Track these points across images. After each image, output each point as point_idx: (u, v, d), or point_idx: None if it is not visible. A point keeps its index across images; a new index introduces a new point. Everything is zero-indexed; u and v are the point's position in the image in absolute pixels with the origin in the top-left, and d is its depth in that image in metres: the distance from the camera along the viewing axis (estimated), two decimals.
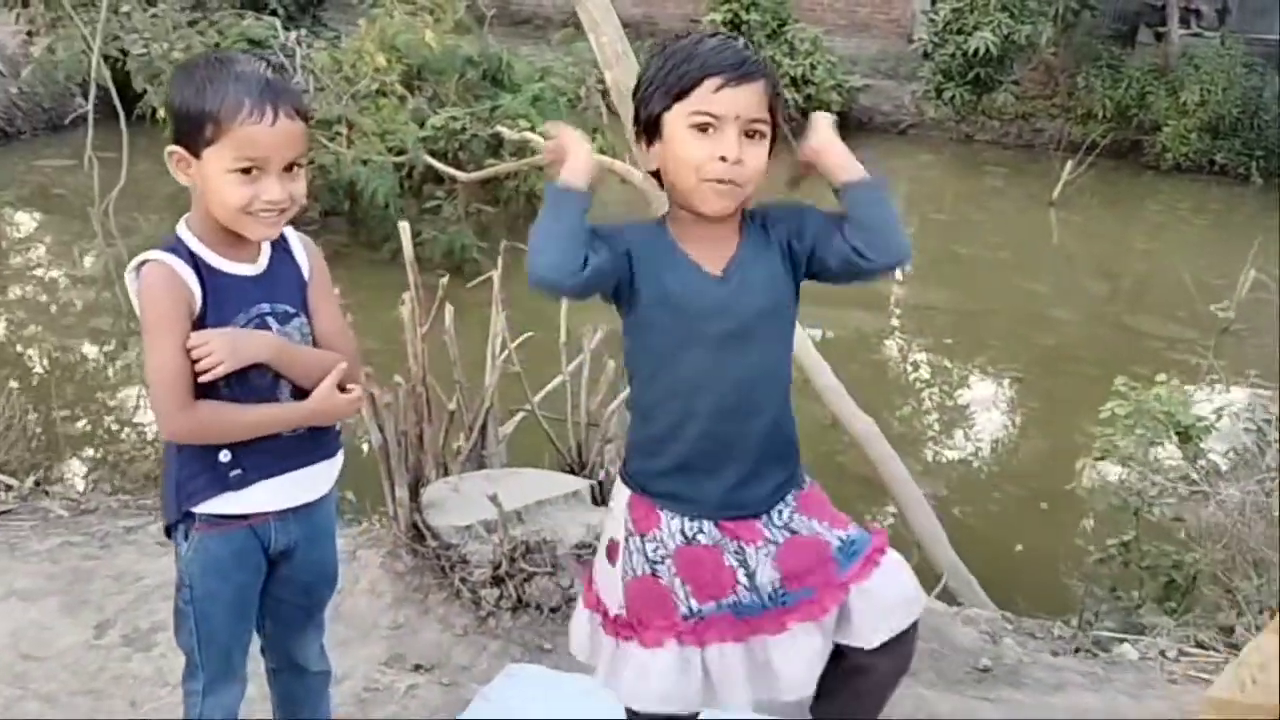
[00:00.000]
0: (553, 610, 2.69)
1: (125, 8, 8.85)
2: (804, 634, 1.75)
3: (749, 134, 1.68)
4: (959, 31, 12.82)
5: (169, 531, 1.90)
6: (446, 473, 3.09)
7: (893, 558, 1.83)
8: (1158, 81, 13.84)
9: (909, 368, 8.29)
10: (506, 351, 3.20)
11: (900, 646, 1.82)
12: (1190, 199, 13.04)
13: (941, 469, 6.65)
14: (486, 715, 2.34)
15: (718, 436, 1.74)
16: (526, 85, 9.57)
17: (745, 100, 1.67)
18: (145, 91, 8.11)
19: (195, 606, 1.86)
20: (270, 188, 1.72)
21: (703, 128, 1.67)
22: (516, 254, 3.57)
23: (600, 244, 1.70)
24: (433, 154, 8.65)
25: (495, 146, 8.96)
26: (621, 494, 1.83)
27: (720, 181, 1.67)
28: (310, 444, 1.88)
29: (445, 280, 2.99)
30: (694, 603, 1.75)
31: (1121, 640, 3.08)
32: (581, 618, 1.92)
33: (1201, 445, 3.89)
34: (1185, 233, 11.96)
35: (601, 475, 3.18)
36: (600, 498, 3.11)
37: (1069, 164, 12.08)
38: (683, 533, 1.76)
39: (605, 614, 1.84)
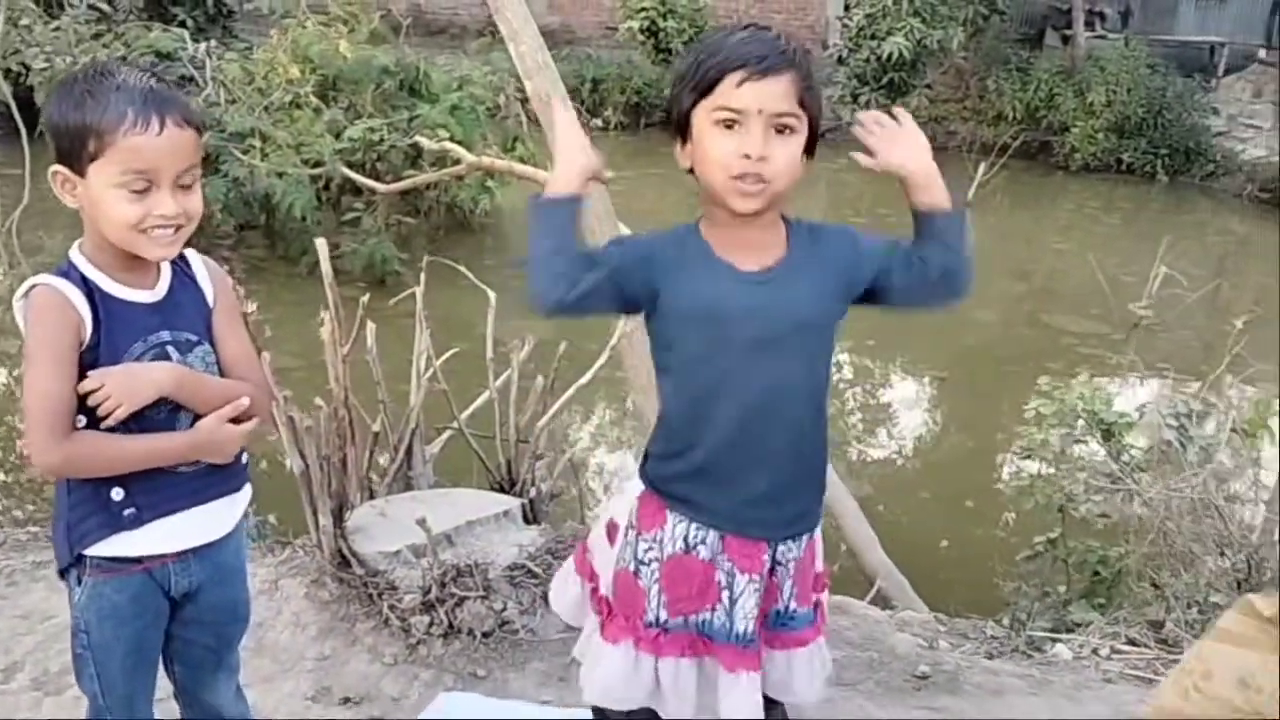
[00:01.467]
0: (485, 635, 2.61)
1: (25, 21, 8.57)
2: (746, 683, 1.73)
3: (778, 129, 1.63)
4: (872, 37, 13.02)
5: (63, 575, 1.78)
6: (372, 495, 3.01)
7: (816, 649, 1.83)
8: (1065, 83, 14.20)
9: (836, 372, 8.34)
10: (432, 369, 3.12)
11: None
12: (1099, 198, 13.37)
13: (868, 469, 6.71)
14: None
15: (738, 446, 1.69)
16: (445, 95, 9.47)
17: (770, 94, 1.61)
18: None
19: (93, 654, 1.77)
20: (163, 202, 1.63)
21: (728, 124, 1.62)
22: (438, 268, 3.53)
23: (602, 261, 1.65)
24: (350, 165, 8.49)
25: (414, 157, 8.85)
26: (635, 487, 1.80)
27: (745, 178, 1.61)
28: (211, 479, 1.79)
29: (366, 299, 2.90)
30: (664, 613, 1.72)
31: (1055, 639, 3.10)
32: (571, 580, 1.89)
33: (1124, 441, 3.94)
34: (1096, 231, 12.23)
35: (532, 493, 3.12)
36: (532, 516, 3.05)
37: (982, 166, 12.23)
38: (685, 539, 1.72)
39: (595, 587, 1.82)
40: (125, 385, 1.65)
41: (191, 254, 1.81)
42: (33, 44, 8.38)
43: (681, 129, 1.69)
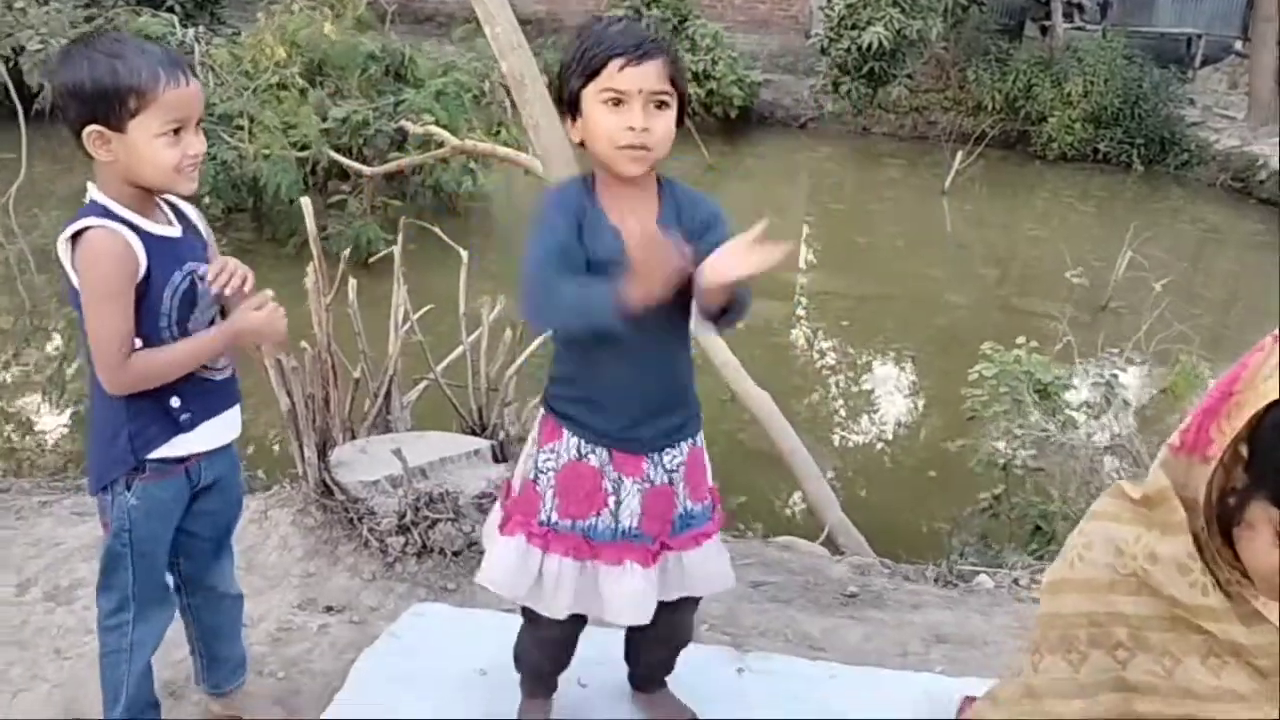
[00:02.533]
0: (455, 554, 2.89)
1: (19, 4, 8.78)
2: (631, 573, 2.01)
3: (655, 105, 1.90)
4: (853, 27, 13.20)
5: (104, 489, 2.04)
6: (354, 436, 3.27)
7: (715, 541, 2.12)
8: (1043, 74, 14.40)
9: (810, 351, 8.58)
10: (409, 323, 3.39)
11: (688, 609, 2.17)
12: (1075, 186, 13.59)
13: (840, 444, 6.94)
14: (394, 649, 2.53)
15: (621, 379, 1.98)
16: (430, 80, 9.66)
17: (647, 76, 1.88)
18: (42, 88, 8.07)
19: (135, 547, 2.05)
20: (193, 143, 1.91)
21: (614, 102, 1.89)
22: (424, 248, 3.76)
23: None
24: (336, 149, 8.72)
25: (399, 142, 9.07)
26: (539, 413, 2.10)
27: (631, 147, 1.89)
28: (231, 388, 2.11)
29: (348, 252, 3.16)
30: (554, 515, 2.02)
31: (979, 572, 3.37)
32: (492, 512, 2.18)
33: (1062, 399, 4.22)
34: (1070, 219, 12.43)
35: (502, 435, 3.39)
36: (501, 455, 3.32)
37: (960, 155, 12.54)
38: (578, 450, 2.01)
39: (507, 508, 2.11)
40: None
41: (175, 199, 2.07)
42: (28, 26, 8.58)
43: (571, 108, 1.96)
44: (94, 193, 1.95)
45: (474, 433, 3.45)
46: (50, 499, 3.42)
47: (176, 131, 1.88)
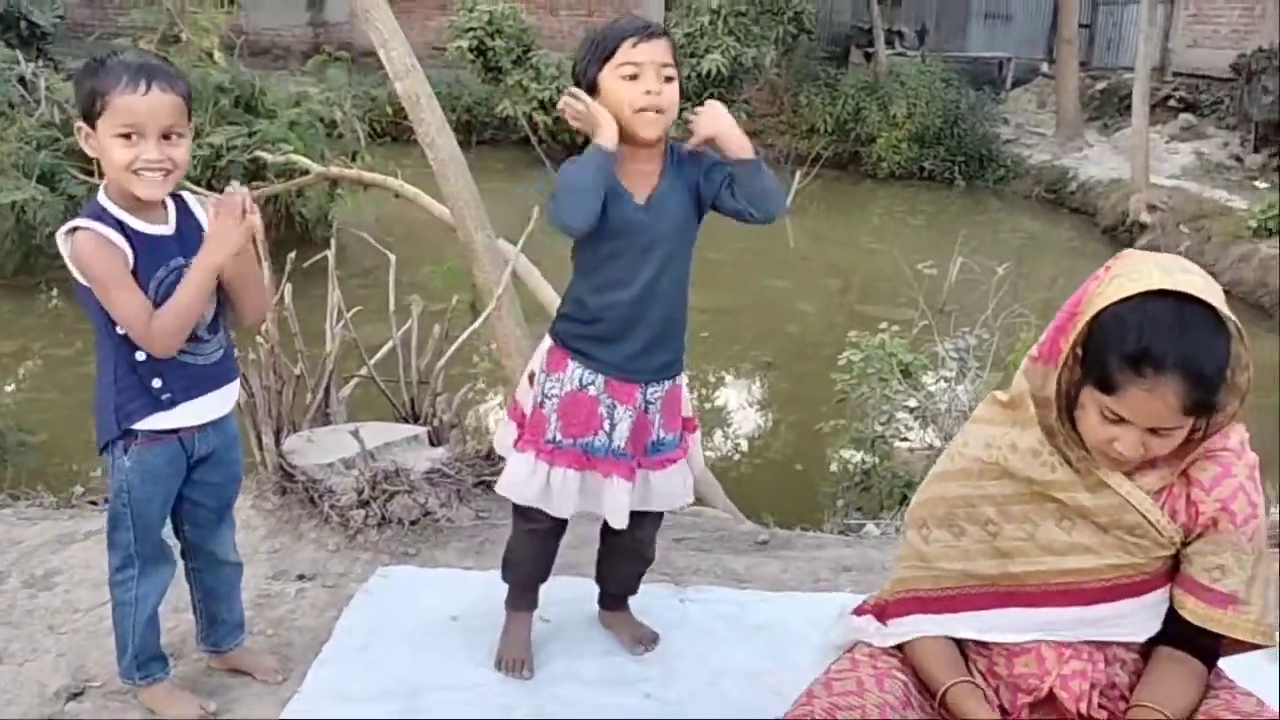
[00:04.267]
0: (413, 523, 3.16)
1: None
2: (615, 485, 2.39)
3: (665, 78, 2.26)
4: (692, 55, 13.70)
5: (105, 450, 2.27)
6: (296, 429, 3.49)
7: (679, 466, 2.50)
8: (870, 98, 15.28)
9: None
10: (343, 321, 3.63)
11: (651, 524, 2.56)
12: (905, 202, 14.43)
13: (712, 447, 7.32)
14: (370, 604, 2.80)
15: (627, 319, 2.35)
16: (283, 111, 9.72)
17: (656, 50, 2.26)
18: None
19: (134, 508, 2.26)
20: (148, 150, 2.08)
21: (631, 76, 2.24)
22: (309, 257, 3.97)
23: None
24: (191, 181, 8.70)
25: (254, 172, 9.10)
26: (545, 343, 2.46)
27: (648, 110, 2.24)
28: (220, 369, 2.31)
29: (292, 256, 3.39)
30: (559, 435, 2.38)
31: (864, 524, 3.81)
32: (506, 425, 2.52)
33: (921, 379, 4.72)
34: (903, 232, 13.22)
35: (435, 423, 3.66)
36: (436, 441, 3.59)
37: (798, 175, 13.17)
38: (580, 380, 2.38)
39: (520, 420, 2.46)
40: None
41: (189, 198, 2.30)
42: None
43: (589, 92, 2.30)
44: (100, 192, 2.17)
45: (407, 422, 3.71)
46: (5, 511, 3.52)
47: (129, 135, 2.06)
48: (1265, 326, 9.31)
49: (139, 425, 2.22)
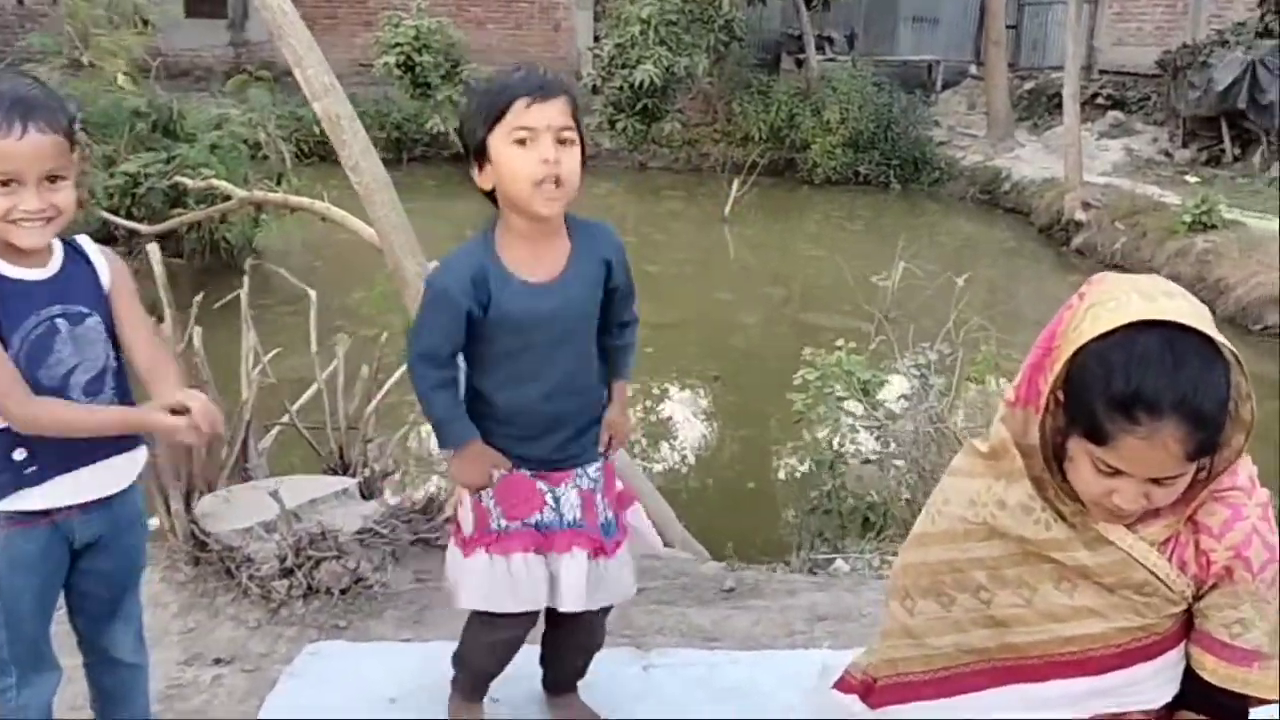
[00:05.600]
0: (343, 592, 2.85)
1: None
2: (579, 559, 2.11)
3: (561, 141, 1.98)
4: (624, 66, 13.61)
5: None
6: (212, 488, 3.17)
7: (624, 551, 2.24)
8: (803, 104, 15.25)
9: None
10: (260, 365, 3.32)
11: (597, 620, 2.28)
12: (842, 208, 14.40)
13: (658, 467, 7.11)
14: (297, 689, 2.49)
15: (545, 415, 2.09)
16: (203, 135, 9.37)
17: (553, 113, 1.96)
18: None
19: (3, 600, 1.93)
20: (27, 199, 1.82)
21: (521, 141, 1.95)
22: (255, 279, 3.68)
23: (458, 334, 2.02)
24: (106, 210, 8.31)
25: (175, 198, 8.74)
26: None
27: (545, 183, 1.95)
28: (106, 439, 1.97)
29: (199, 299, 3.08)
30: (503, 521, 2.10)
31: (834, 559, 3.59)
32: (449, 551, 2.23)
33: (879, 397, 4.52)
34: (842, 237, 13.13)
35: (366, 473, 3.36)
36: (367, 493, 3.29)
37: (735, 184, 13.11)
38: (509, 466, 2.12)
39: (462, 539, 2.18)
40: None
41: (84, 240, 2.00)
42: None
43: (478, 156, 2.02)
44: None
45: (335, 473, 3.41)
46: None
47: (7, 182, 1.80)
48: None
49: (5, 506, 1.89)
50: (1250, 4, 14.13)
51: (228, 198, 7.95)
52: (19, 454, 1.88)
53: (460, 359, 2.11)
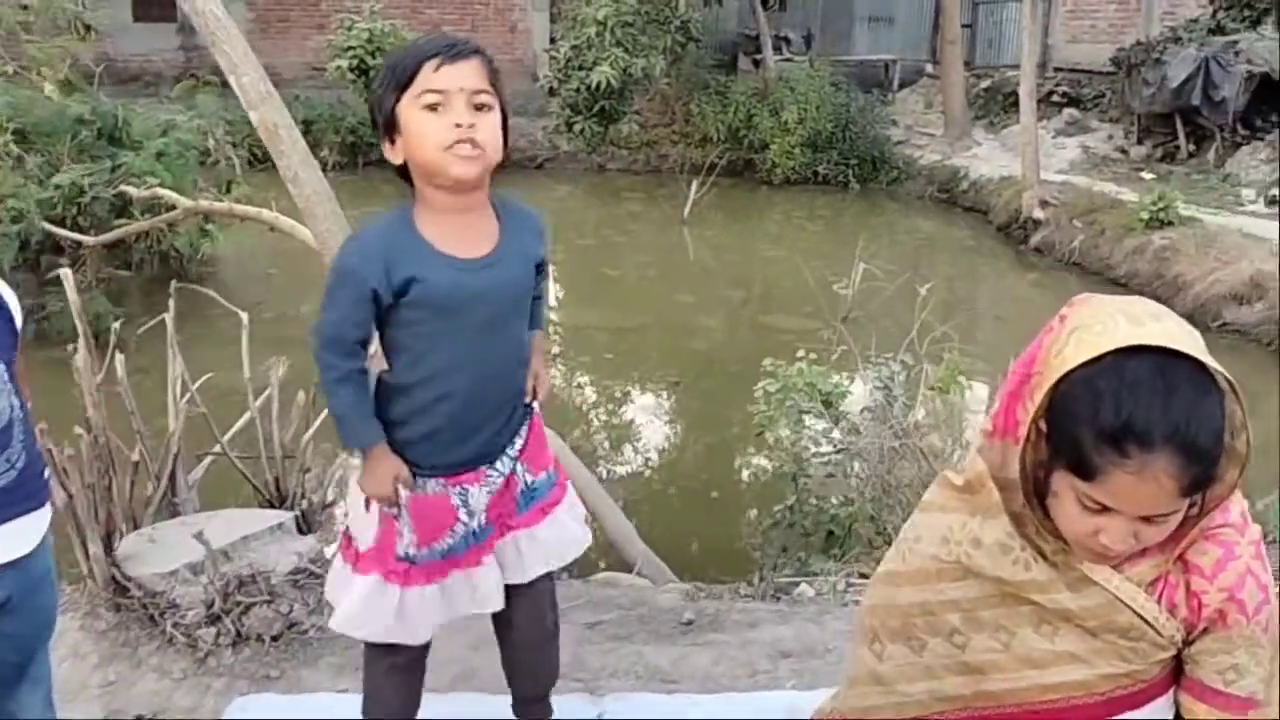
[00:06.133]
0: (275, 639, 2.67)
1: None
2: (490, 566, 1.98)
3: (476, 106, 1.81)
4: (580, 67, 13.46)
5: None
6: (137, 526, 2.98)
7: (564, 507, 2.08)
8: (760, 104, 15.17)
9: (578, 386, 8.60)
10: (189, 394, 3.14)
11: (542, 591, 2.11)
12: (802, 208, 14.33)
13: (620, 474, 6.98)
14: None
15: (471, 409, 1.90)
16: (149, 142, 9.14)
17: (465, 74, 1.80)
18: None
19: None
20: None
21: (433, 107, 1.79)
22: (188, 296, 3.52)
23: (365, 318, 1.84)
24: (49, 220, 8.07)
25: (120, 208, 8.50)
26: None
27: (459, 144, 1.79)
28: (14, 498, 1.82)
29: (118, 325, 2.90)
30: (412, 549, 1.93)
31: (798, 582, 3.45)
32: (335, 565, 2.05)
33: (841, 409, 4.40)
34: (801, 238, 13.07)
35: (304, 505, 3.18)
36: (305, 527, 3.12)
37: (694, 185, 13.01)
38: (420, 483, 1.94)
39: (355, 553, 1.99)
40: None
41: None
42: None
43: (389, 128, 1.86)
44: None
45: (272, 505, 3.22)
46: None
47: None
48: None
49: None
50: (1202, 1, 14.20)
51: (173, 207, 7.75)
52: None
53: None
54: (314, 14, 17.33)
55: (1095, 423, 1.35)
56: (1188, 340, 1.37)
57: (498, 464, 1.98)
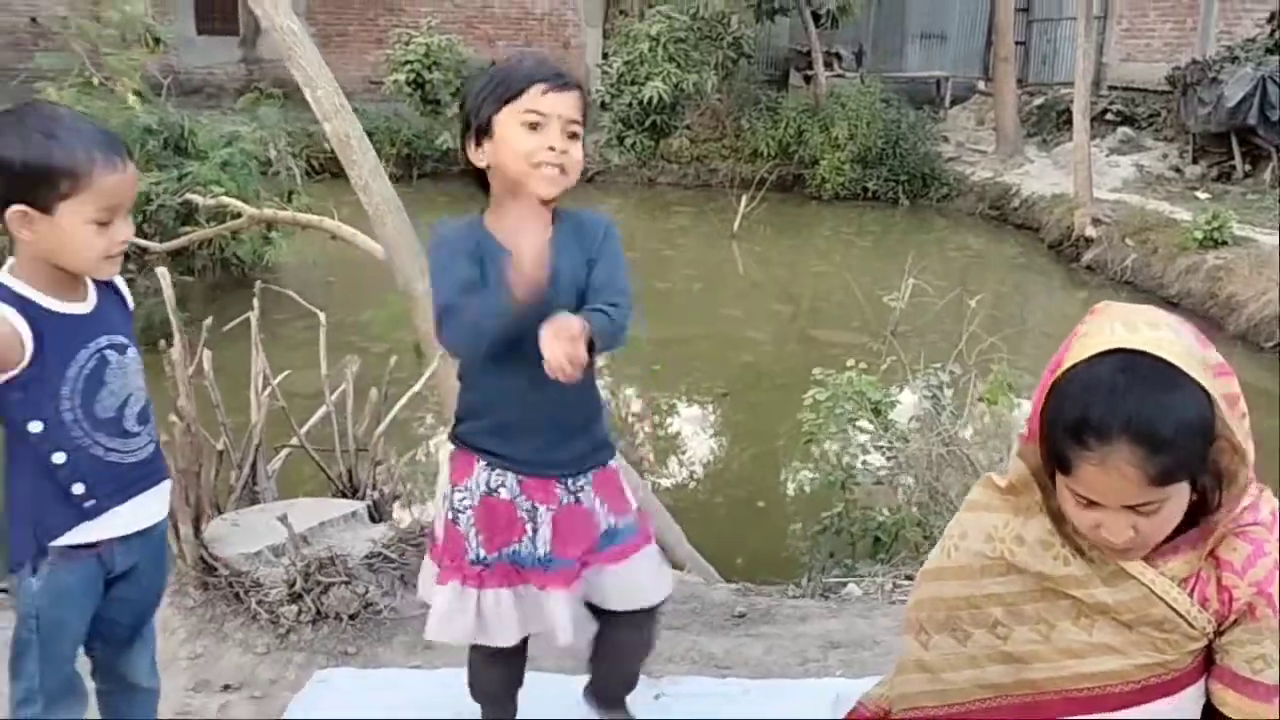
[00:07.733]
0: (352, 617, 2.83)
1: None
2: (555, 598, 2.06)
3: (570, 135, 1.97)
4: (633, 83, 13.63)
5: (13, 570, 1.94)
6: (220, 511, 3.16)
7: (647, 552, 2.17)
8: (811, 120, 15.24)
9: (627, 396, 8.72)
10: (269, 388, 3.31)
11: (641, 623, 2.20)
12: (851, 224, 14.38)
13: (667, 485, 7.09)
14: (305, 717, 2.47)
15: (530, 404, 2.01)
16: (214, 152, 9.40)
17: (566, 104, 1.96)
18: None
19: (41, 635, 1.93)
20: (123, 230, 1.84)
21: (533, 125, 1.94)
22: (269, 295, 3.69)
23: (475, 270, 1.94)
24: None
25: (186, 215, 8.76)
26: (447, 450, 2.12)
27: (550, 166, 1.94)
28: (148, 469, 1.99)
29: (209, 322, 3.08)
30: (483, 551, 2.04)
31: (845, 583, 3.56)
32: (424, 569, 2.17)
33: (890, 418, 4.50)
34: (850, 253, 13.13)
35: (375, 495, 3.34)
36: (376, 516, 3.28)
37: (743, 199, 13.12)
38: (488, 484, 2.04)
39: (439, 555, 2.12)
40: None
41: None
42: None
43: (481, 132, 2.00)
44: (3, 270, 1.86)
45: (344, 495, 3.39)
46: None
47: (109, 219, 1.80)
48: (1220, 338, 9.26)
49: (59, 542, 1.89)
50: (1259, 20, 14.10)
51: (238, 215, 7.98)
52: (78, 488, 1.88)
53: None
54: (372, 29, 17.68)
55: (1061, 419, 1.48)
56: (1174, 348, 1.47)
57: (567, 483, 2.07)
